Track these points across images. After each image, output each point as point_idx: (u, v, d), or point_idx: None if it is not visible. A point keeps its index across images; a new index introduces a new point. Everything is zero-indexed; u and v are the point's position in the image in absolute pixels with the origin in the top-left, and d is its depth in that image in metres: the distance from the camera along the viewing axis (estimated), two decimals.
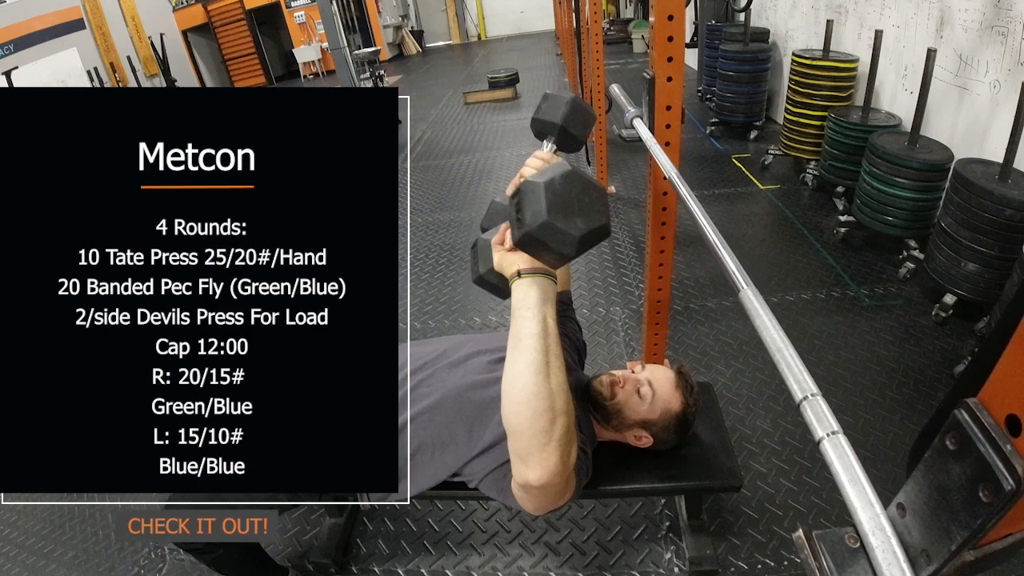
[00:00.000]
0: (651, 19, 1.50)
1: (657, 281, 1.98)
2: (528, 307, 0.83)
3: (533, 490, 0.87)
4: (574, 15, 4.31)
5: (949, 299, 2.32)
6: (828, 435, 0.60)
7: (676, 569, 1.57)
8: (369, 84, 6.27)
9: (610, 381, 1.23)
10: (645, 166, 4.38)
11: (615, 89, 1.95)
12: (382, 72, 6.24)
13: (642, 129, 1.60)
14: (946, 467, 0.44)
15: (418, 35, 13.21)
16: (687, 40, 6.55)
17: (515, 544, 1.70)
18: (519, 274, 0.84)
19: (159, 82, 9.57)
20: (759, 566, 1.56)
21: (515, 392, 0.83)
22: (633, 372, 1.27)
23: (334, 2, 5.59)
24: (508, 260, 0.87)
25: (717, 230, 1.06)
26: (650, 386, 1.21)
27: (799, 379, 0.73)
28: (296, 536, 1.81)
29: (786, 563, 1.56)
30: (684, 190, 1.17)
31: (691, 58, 7.05)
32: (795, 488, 1.76)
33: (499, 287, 0.93)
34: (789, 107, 3.72)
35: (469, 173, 4.93)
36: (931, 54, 2.39)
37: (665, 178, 1.72)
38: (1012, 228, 2.05)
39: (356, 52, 6.06)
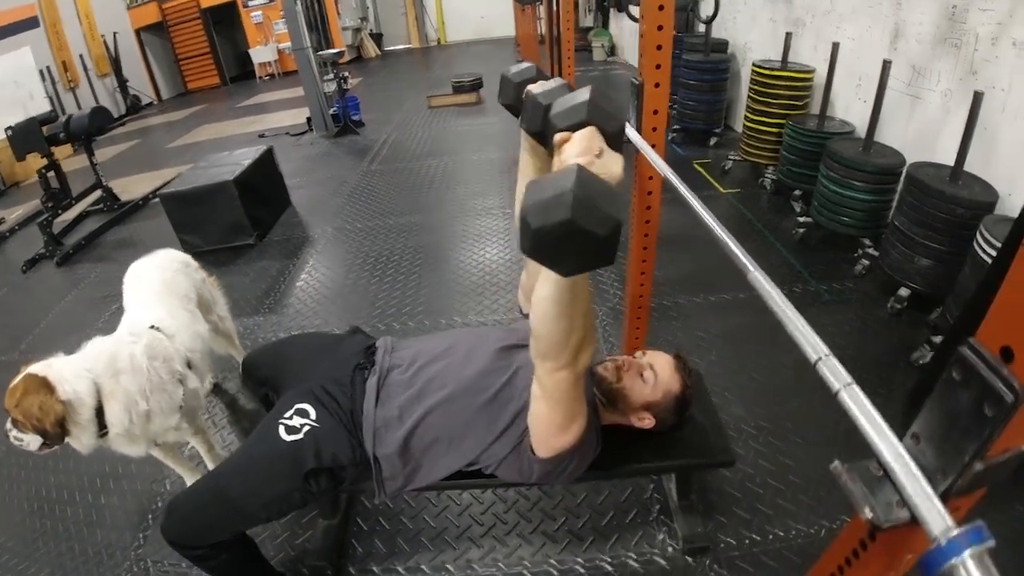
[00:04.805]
0: (640, 29, 1.57)
1: (640, 277, 2.06)
2: None
3: (546, 379, 1.02)
4: (549, 22, 4.39)
5: (903, 292, 2.50)
6: (844, 386, 0.68)
7: (670, 549, 1.64)
8: (332, 86, 6.19)
9: (615, 366, 1.29)
10: None
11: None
12: (346, 74, 6.17)
13: (631, 132, 1.67)
14: (954, 395, 0.54)
15: (377, 38, 13.08)
16: None
17: (513, 535, 1.74)
18: None
19: (111, 82, 9.16)
20: (746, 541, 1.65)
21: (539, 309, 0.98)
22: (634, 357, 1.33)
23: (298, 1, 5.51)
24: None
25: (719, 221, 1.13)
26: (652, 370, 1.28)
27: (813, 343, 0.80)
28: (287, 541, 1.79)
29: (771, 537, 1.66)
30: (684, 189, 1.24)
31: None
32: (772, 468, 1.87)
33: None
34: (748, 115, 3.91)
35: (438, 176, 4.95)
36: (886, 65, 2.58)
37: (651, 178, 1.81)
38: (963, 225, 2.24)
39: (320, 53, 5.97)
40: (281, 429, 1.27)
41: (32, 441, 1.48)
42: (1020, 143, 2.26)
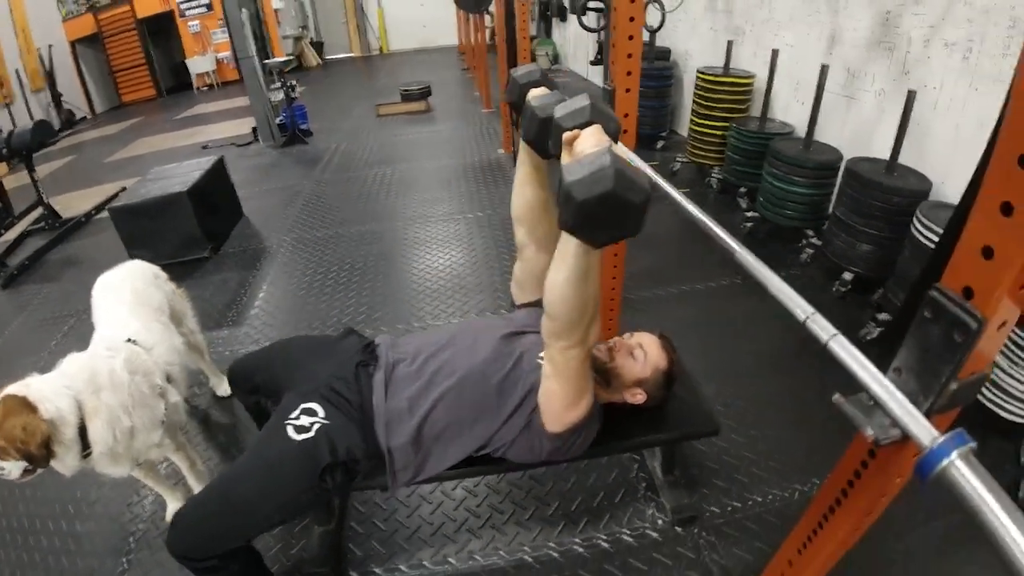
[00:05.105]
0: (612, 38, 1.69)
1: (612, 270, 2.18)
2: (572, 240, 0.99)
3: (559, 358, 1.11)
4: (500, 29, 4.49)
5: (847, 276, 2.73)
6: (831, 337, 0.81)
7: (660, 521, 1.75)
8: (280, 95, 6.08)
9: (607, 347, 1.38)
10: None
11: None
12: (293, 82, 6.07)
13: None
14: (928, 330, 0.67)
15: (318, 47, 12.90)
16: (591, 58, 7.01)
17: (511, 523, 1.79)
18: None
19: (44, 97, 8.62)
20: (728, 508, 1.78)
21: (555, 290, 1.06)
22: (623, 339, 1.43)
23: (243, 10, 5.41)
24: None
25: (701, 210, 1.24)
26: (642, 348, 1.38)
27: (800, 304, 0.93)
28: (282, 552, 1.77)
29: (750, 503, 1.80)
30: (664, 184, 1.35)
31: (597, 74, 7.54)
32: (744, 441, 2.01)
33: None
34: (694, 119, 4.13)
35: (392, 184, 4.97)
36: (824, 69, 2.82)
37: None
38: (900, 213, 2.47)
39: (267, 62, 5.87)
40: (290, 429, 1.27)
41: (14, 468, 1.40)
42: (951, 136, 2.52)
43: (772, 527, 1.71)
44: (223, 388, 2.50)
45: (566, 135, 1.05)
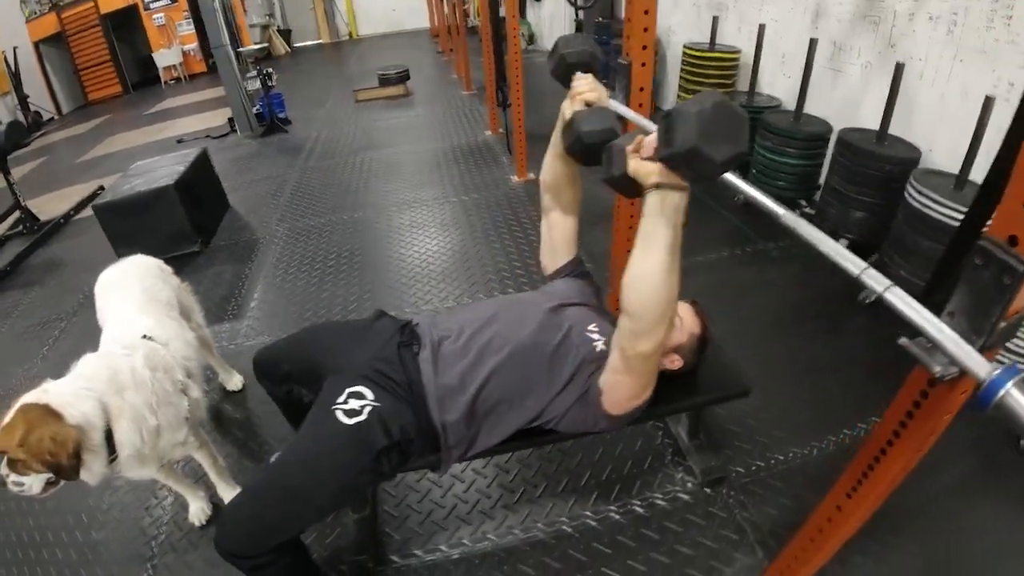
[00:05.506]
0: (627, 14, 1.70)
1: (626, 243, 2.21)
2: (664, 215, 0.97)
3: (638, 360, 1.10)
4: (483, 9, 4.45)
5: (842, 243, 2.80)
6: (886, 289, 0.86)
7: (689, 484, 1.81)
8: (256, 84, 5.94)
9: None
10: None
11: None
12: (270, 70, 5.93)
13: (621, 107, 1.80)
14: (978, 276, 0.74)
15: (286, 34, 12.57)
16: None
17: (545, 496, 1.83)
18: (657, 186, 0.96)
19: (11, 100, 8.25)
20: (753, 467, 1.86)
21: (644, 283, 1.01)
22: None
23: None
24: (645, 170, 0.97)
25: (744, 180, 1.27)
26: (678, 315, 1.41)
27: (852, 260, 0.97)
28: (317, 543, 1.74)
29: (772, 461, 1.87)
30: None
31: None
32: (761, 403, 2.07)
33: (629, 189, 1.04)
34: (682, 95, 4.17)
35: (379, 169, 4.93)
36: (813, 43, 2.88)
37: None
38: (892, 180, 2.56)
39: (241, 49, 5.71)
40: (339, 414, 1.25)
41: (36, 482, 1.31)
42: (936, 106, 2.60)
43: (794, 482, 1.79)
44: (233, 382, 2.47)
45: (643, 149, 1.00)
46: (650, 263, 0.99)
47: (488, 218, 3.80)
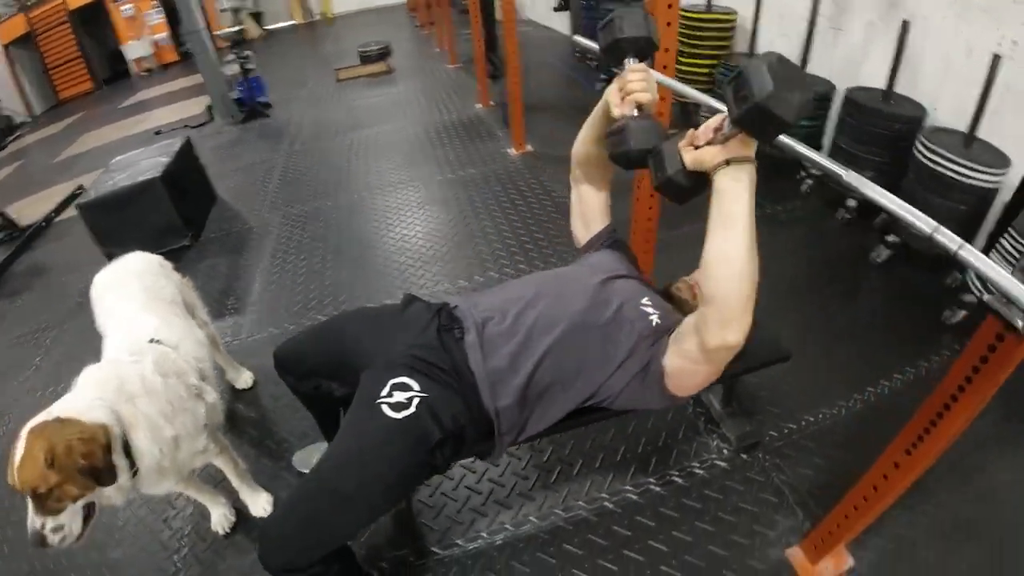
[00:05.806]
0: None
1: (647, 212, 2.18)
2: (740, 191, 0.93)
3: (722, 352, 1.03)
4: None
5: (851, 203, 2.81)
6: (959, 247, 0.88)
7: (725, 451, 1.81)
8: (236, 69, 5.72)
9: (688, 286, 1.39)
10: (555, 125, 4.56)
11: None
12: (248, 53, 5.72)
13: (674, 83, 1.76)
14: None
15: (257, 16, 12.14)
16: (555, 5, 6.83)
17: (582, 474, 1.81)
18: (727, 163, 0.93)
19: None
20: (785, 430, 1.87)
21: (728, 267, 0.95)
22: (691, 279, 1.44)
23: None
24: (708, 154, 0.95)
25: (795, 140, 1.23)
26: None
27: (923, 220, 0.95)
28: (353, 542, 1.65)
29: (803, 423, 1.89)
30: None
31: (560, 22, 7.36)
32: (785, 367, 2.05)
33: (685, 188, 1.00)
34: (680, 59, 4.08)
35: (368, 149, 4.81)
36: (816, 3, 2.81)
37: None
38: (900, 138, 2.55)
39: (218, 33, 5.49)
40: (385, 408, 1.17)
41: (74, 520, 1.21)
42: (940, 65, 2.57)
43: (825, 442, 1.81)
44: (243, 380, 2.39)
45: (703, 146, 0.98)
46: (731, 244, 0.94)
47: (489, 193, 3.73)
